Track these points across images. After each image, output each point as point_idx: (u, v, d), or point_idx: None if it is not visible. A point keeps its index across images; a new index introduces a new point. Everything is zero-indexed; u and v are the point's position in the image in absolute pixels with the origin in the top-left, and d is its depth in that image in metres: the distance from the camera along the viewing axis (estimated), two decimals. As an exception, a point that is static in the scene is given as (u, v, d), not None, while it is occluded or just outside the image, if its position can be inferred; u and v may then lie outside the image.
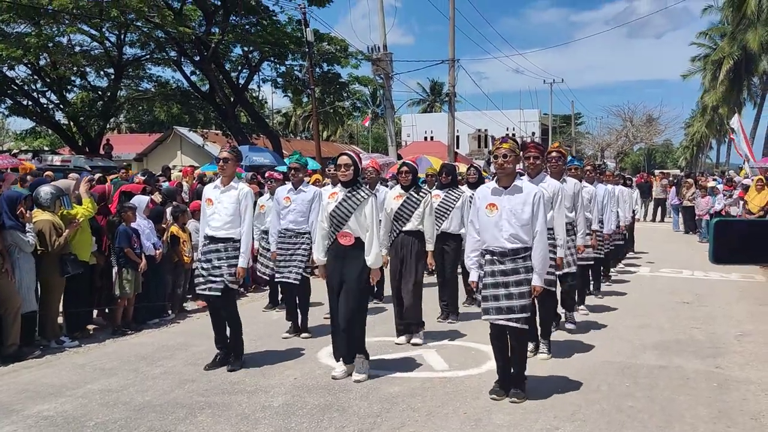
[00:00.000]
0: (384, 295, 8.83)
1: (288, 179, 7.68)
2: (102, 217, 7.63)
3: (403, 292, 6.69)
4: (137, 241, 7.39)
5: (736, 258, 2.00)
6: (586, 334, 6.99)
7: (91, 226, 7.14)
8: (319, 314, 7.34)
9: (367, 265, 5.47)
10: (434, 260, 7.06)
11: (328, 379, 5.47)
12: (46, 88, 22.24)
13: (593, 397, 5.03)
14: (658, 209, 23.62)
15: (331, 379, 5.46)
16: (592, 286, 9.04)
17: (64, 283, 6.77)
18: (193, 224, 8.47)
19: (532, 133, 48.62)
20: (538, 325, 5.94)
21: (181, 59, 22.36)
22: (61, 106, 22.36)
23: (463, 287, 8.33)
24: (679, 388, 5.24)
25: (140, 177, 10.50)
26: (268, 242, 7.59)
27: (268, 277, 7.89)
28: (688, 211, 19.13)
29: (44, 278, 6.66)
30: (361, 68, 24.42)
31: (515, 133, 38.40)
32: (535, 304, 5.33)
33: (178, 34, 19.09)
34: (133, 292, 7.37)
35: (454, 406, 4.84)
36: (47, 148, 30.57)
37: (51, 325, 6.76)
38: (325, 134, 49.12)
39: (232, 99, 23.03)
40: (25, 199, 6.43)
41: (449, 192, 7.84)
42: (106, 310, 7.66)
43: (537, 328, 5.91)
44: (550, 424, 4.50)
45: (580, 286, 7.94)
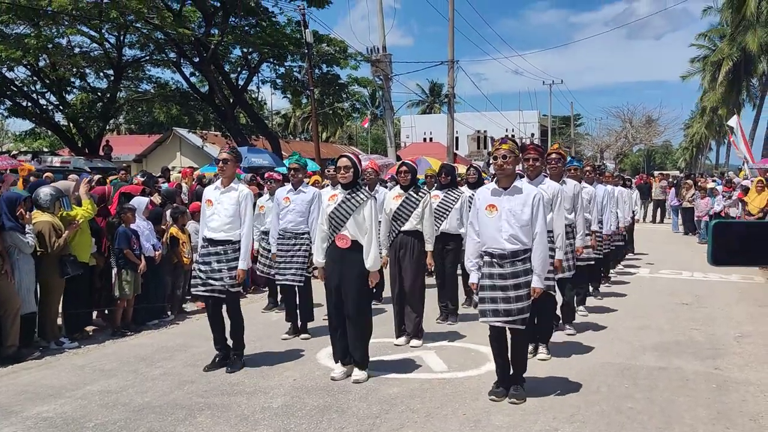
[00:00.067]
0: (383, 296, 8.84)
1: (288, 180, 7.68)
2: (101, 219, 7.62)
3: (404, 293, 6.69)
4: (137, 243, 7.39)
5: (734, 259, 2.00)
6: (586, 335, 7.00)
7: (91, 228, 7.14)
8: (318, 315, 7.34)
9: (366, 267, 5.47)
10: (434, 261, 7.06)
11: (327, 380, 5.48)
12: (46, 90, 22.24)
13: (593, 398, 5.03)
14: (657, 210, 23.64)
15: (331, 381, 5.46)
16: (592, 288, 9.04)
17: (63, 284, 6.77)
18: (193, 225, 8.47)
19: (532, 135, 48.65)
20: (537, 329, 5.93)
21: (181, 60, 22.37)
22: (61, 108, 22.35)
23: (463, 288, 8.34)
24: (679, 390, 5.25)
25: (139, 178, 10.50)
26: (268, 243, 7.60)
27: (271, 277, 7.87)
28: (687, 212, 19.14)
29: (44, 279, 6.66)
30: (361, 69, 24.57)
31: (514, 135, 38.36)
32: (534, 307, 5.32)
33: (178, 35, 19.10)
34: (133, 294, 7.37)
35: (453, 408, 4.84)
36: (47, 149, 30.61)
37: (50, 327, 6.75)
38: (325, 135, 49.14)
39: (232, 100, 23.03)
40: (24, 200, 6.43)
41: (448, 192, 7.85)
42: (106, 312, 7.66)
43: (536, 330, 5.90)
44: (549, 425, 4.50)
45: (583, 288, 7.93)
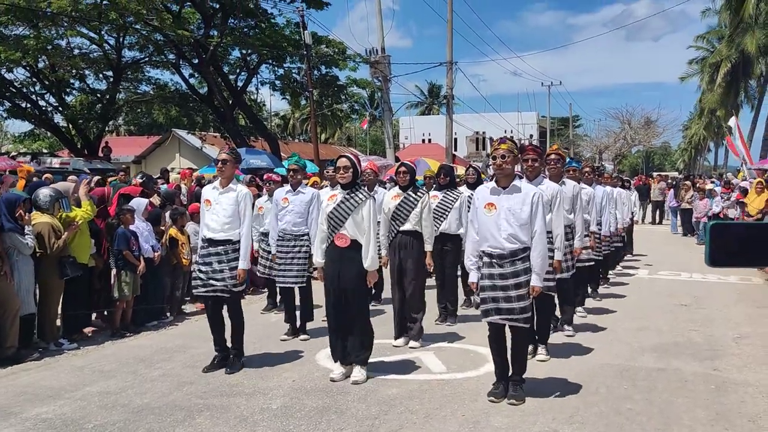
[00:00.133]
0: (382, 297, 8.84)
1: (286, 181, 7.68)
2: (101, 220, 7.62)
3: (405, 294, 6.70)
4: (136, 244, 7.39)
5: (732, 260, 2.00)
6: (585, 337, 7.00)
7: (90, 229, 7.14)
8: (318, 316, 7.34)
9: (364, 267, 5.47)
10: (433, 261, 7.06)
11: (326, 382, 5.48)
12: (45, 91, 22.22)
13: (592, 399, 5.04)
14: (656, 211, 23.67)
15: (330, 382, 5.46)
16: (591, 289, 9.04)
17: (62, 285, 6.77)
18: (192, 227, 8.48)
19: (530, 136, 48.73)
20: (536, 330, 5.94)
21: (180, 62, 22.36)
22: (60, 109, 22.33)
23: (462, 289, 8.33)
24: (678, 391, 5.25)
25: (137, 180, 10.48)
26: (268, 244, 7.60)
27: (272, 278, 7.87)
28: (686, 213, 19.16)
29: (43, 280, 6.66)
30: (359, 71, 24.52)
31: (513, 136, 38.43)
32: (533, 307, 5.33)
33: (177, 37, 19.10)
34: (132, 295, 7.37)
35: (452, 409, 4.84)
36: (46, 150, 30.56)
37: (50, 328, 6.75)
38: (323, 137, 49.17)
39: (231, 102, 23.03)
40: (24, 201, 6.43)
41: (447, 193, 7.84)
42: (105, 313, 7.66)
43: (535, 331, 5.91)
44: (548, 426, 4.51)
45: (579, 289, 7.94)
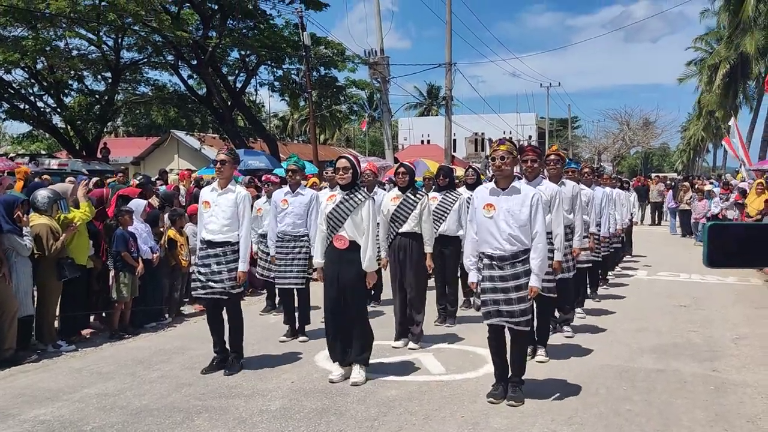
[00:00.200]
0: (381, 298, 8.84)
1: (285, 182, 7.67)
2: (99, 221, 7.61)
3: (406, 296, 6.69)
4: (134, 245, 7.39)
5: (730, 261, 1.99)
6: (584, 338, 7.00)
7: (89, 230, 7.13)
8: (316, 318, 7.33)
9: (363, 268, 5.46)
10: (433, 263, 7.05)
11: (325, 383, 5.47)
12: (43, 92, 22.18)
13: (591, 400, 5.03)
14: (655, 212, 23.69)
15: (329, 383, 5.45)
16: (590, 290, 9.04)
17: (61, 287, 6.76)
18: (191, 228, 8.47)
19: (529, 137, 48.73)
20: (536, 332, 5.94)
21: (179, 63, 22.34)
22: (59, 110, 22.29)
23: (462, 290, 8.32)
24: (677, 392, 5.25)
25: (135, 181, 10.46)
26: (267, 246, 7.59)
27: (271, 280, 7.86)
28: (685, 214, 19.18)
29: (41, 282, 6.65)
30: (358, 72, 24.55)
31: (512, 137, 38.41)
32: (533, 308, 5.32)
33: (176, 38, 19.08)
34: (130, 296, 7.35)
35: (452, 410, 4.84)
36: (44, 151, 30.47)
37: (48, 329, 6.74)
38: (322, 138, 49.18)
39: (229, 103, 23.02)
40: (22, 203, 6.42)
41: (446, 194, 7.84)
42: (103, 314, 7.65)
43: (534, 332, 5.91)
44: (547, 427, 4.50)
45: (579, 290, 7.93)
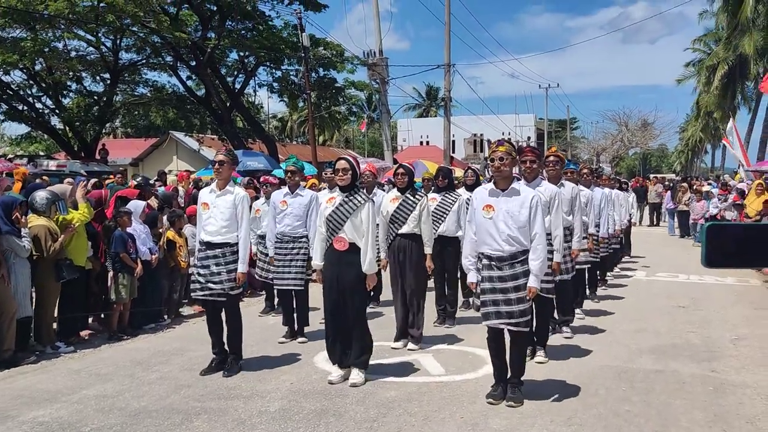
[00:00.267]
0: (380, 299, 8.83)
1: (284, 183, 7.67)
2: (98, 223, 7.60)
3: (406, 297, 6.68)
4: (133, 246, 7.38)
5: (729, 261, 1.99)
6: (583, 339, 7.00)
7: (87, 231, 7.12)
8: (316, 319, 7.33)
9: (362, 270, 5.46)
10: (432, 264, 7.05)
11: (324, 384, 5.47)
12: (42, 93, 22.17)
13: (590, 401, 5.03)
14: (653, 213, 23.72)
15: (328, 384, 5.45)
16: (589, 291, 9.04)
17: (59, 288, 6.75)
18: (190, 229, 8.46)
19: (528, 138, 48.76)
20: (535, 333, 5.94)
21: (177, 64, 22.33)
22: (57, 111, 22.28)
23: (461, 291, 8.32)
24: (676, 392, 5.25)
25: (133, 182, 10.45)
26: (266, 247, 7.58)
27: (270, 281, 7.85)
28: (683, 215, 19.20)
29: (40, 283, 6.64)
30: (357, 73, 24.51)
31: (511, 138, 38.45)
32: (533, 309, 5.32)
33: (174, 39, 19.07)
34: (129, 297, 7.35)
35: (451, 411, 4.84)
36: (43, 153, 30.45)
37: (46, 331, 6.73)
38: (321, 139, 49.17)
39: (228, 104, 23.01)
40: (20, 204, 6.42)
41: (446, 195, 7.84)
42: (102, 316, 7.64)
43: (534, 333, 5.91)
44: (546, 428, 4.50)
45: (578, 290, 7.94)
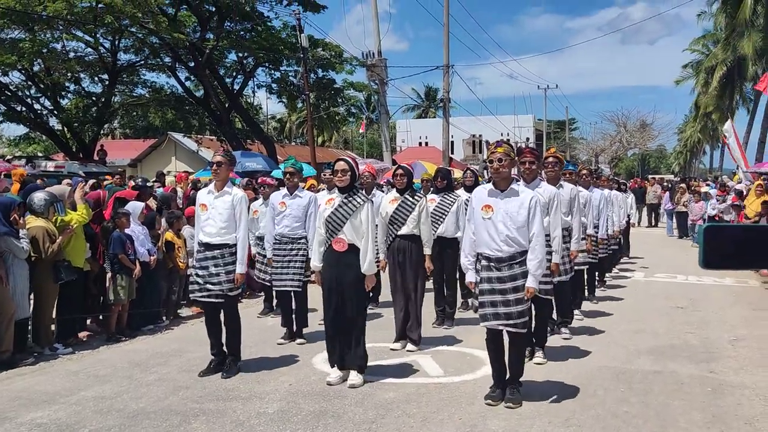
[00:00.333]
0: (379, 300, 8.83)
1: (283, 184, 7.66)
2: (96, 224, 7.60)
3: (406, 298, 6.68)
4: (131, 247, 7.37)
5: (726, 263, 1.99)
6: (582, 339, 7.00)
7: (86, 233, 7.12)
8: (314, 320, 7.33)
9: (362, 271, 5.46)
10: (432, 264, 7.05)
11: (323, 386, 5.46)
12: (40, 94, 22.16)
13: (588, 402, 5.04)
14: (652, 214, 23.75)
15: (326, 386, 5.44)
16: (588, 292, 9.05)
17: (57, 289, 6.74)
18: (188, 230, 8.45)
19: (527, 139, 48.78)
20: (533, 334, 5.94)
21: (176, 65, 22.32)
22: (55, 112, 22.27)
23: (460, 292, 8.31)
24: (674, 393, 5.25)
25: (131, 183, 10.43)
26: (264, 248, 7.57)
27: (268, 283, 7.85)
28: (681, 216, 19.21)
29: (38, 285, 6.63)
30: (356, 74, 24.49)
31: (509, 139, 38.45)
32: (531, 310, 5.32)
33: (173, 40, 19.07)
34: (128, 299, 7.34)
35: (450, 412, 4.84)
36: (41, 154, 30.45)
37: (44, 332, 6.72)
38: (320, 140, 49.14)
39: (227, 105, 23.00)
40: (18, 205, 6.41)
41: (444, 196, 7.84)
42: (100, 317, 7.63)
43: (532, 334, 5.91)
44: (545, 429, 4.50)
45: (576, 291, 7.94)
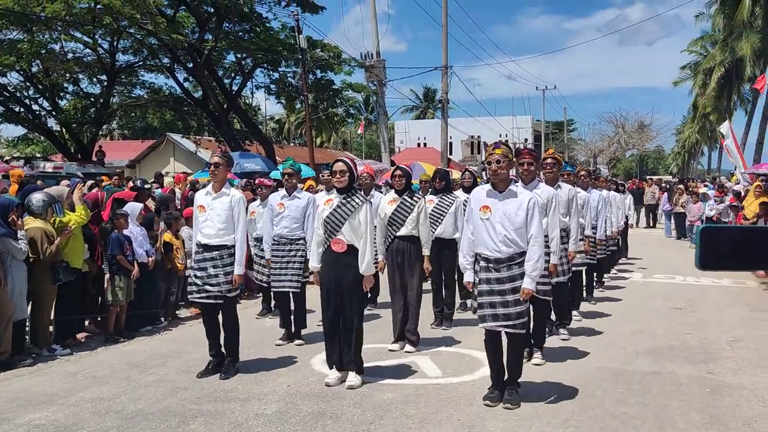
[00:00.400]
0: (378, 301, 8.83)
1: (282, 185, 7.66)
2: (94, 225, 7.59)
3: (405, 299, 6.68)
4: (130, 249, 7.37)
5: (723, 264, 1.99)
6: (580, 340, 7.01)
7: (84, 234, 7.11)
8: (313, 321, 7.33)
9: (360, 272, 5.46)
10: (430, 265, 7.05)
11: (321, 387, 5.46)
12: (39, 95, 22.15)
13: (587, 403, 5.04)
14: (650, 215, 23.78)
15: (325, 387, 5.44)
16: (586, 293, 9.05)
17: (56, 290, 6.73)
18: (187, 231, 8.45)
19: (525, 140, 48.87)
20: (532, 334, 5.94)
21: (174, 66, 22.32)
22: (54, 113, 22.26)
23: (459, 293, 8.31)
24: (672, 394, 5.26)
25: (129, 184, 10.42)
26: (262, 249, 7.57)
27: (266, 285, 7.85)
28: (679, 217, 19.23)
29: (36, 286, 6.62)
30: (355, 75, 24.52)
31: (508, 140, 38.52)
32: (530, 311, 5.32)
33: (171, 41, 19.07)
34: (126, 300, 7.34)
35: (448, 413, 4.83)
36: (39, 154, 30.43)
37: (43, 333, 6.72)
38: (319, 141, 49.15)
39: (225, 106, 23.00)
40: (16, 206, 6.40)
41: (443, 197, 7.84)
42: (98, 318, 7.62)
43: (531, 335, 5.91)
44: (543, 430, 4.50)
45: (574, 292, 7.94)
